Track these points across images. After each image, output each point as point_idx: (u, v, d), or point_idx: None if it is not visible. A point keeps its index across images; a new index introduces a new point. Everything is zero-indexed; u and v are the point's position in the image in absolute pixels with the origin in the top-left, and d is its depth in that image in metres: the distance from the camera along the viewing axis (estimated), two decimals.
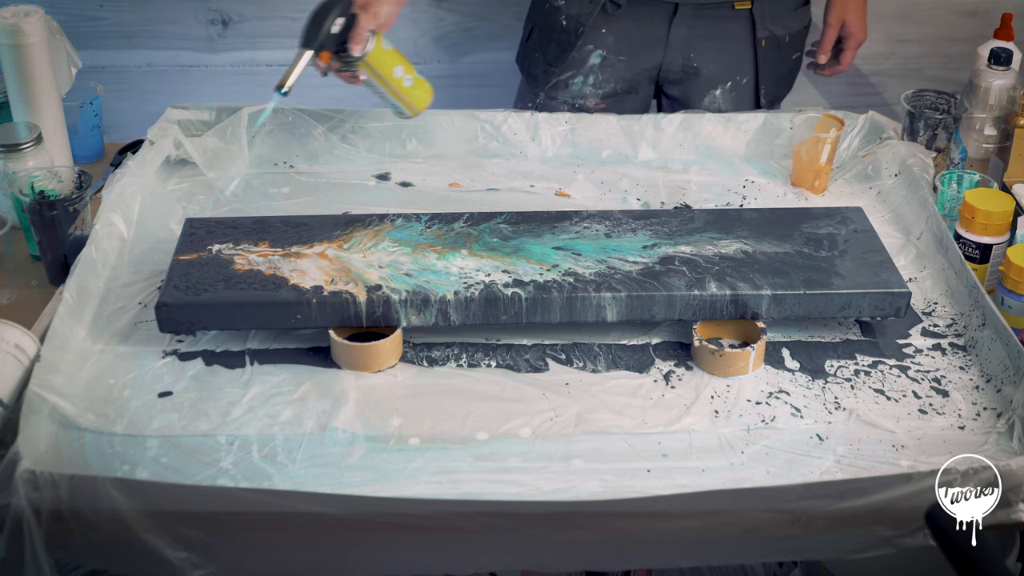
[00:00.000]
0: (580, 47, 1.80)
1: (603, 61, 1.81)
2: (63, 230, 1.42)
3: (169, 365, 1.31)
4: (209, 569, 1.14)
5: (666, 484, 1.16)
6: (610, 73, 1.82)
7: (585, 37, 1.79)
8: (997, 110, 1.60)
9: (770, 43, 1.83)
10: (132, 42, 2.34)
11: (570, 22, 1.79)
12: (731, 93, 1.84)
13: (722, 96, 1.84)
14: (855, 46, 1.88)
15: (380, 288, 1.32)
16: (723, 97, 1.84)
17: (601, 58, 1.80)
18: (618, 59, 1.81)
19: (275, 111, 1.70)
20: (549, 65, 1.83)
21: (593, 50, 1.80)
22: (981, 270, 1.44)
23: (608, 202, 1.62)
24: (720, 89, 1.83)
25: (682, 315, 1.34)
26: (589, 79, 1.81)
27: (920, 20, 2.39)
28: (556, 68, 1.83)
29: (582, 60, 1.81)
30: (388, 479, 1.16)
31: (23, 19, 1.54)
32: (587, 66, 1.81)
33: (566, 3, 1.80)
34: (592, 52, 1.80)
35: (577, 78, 1.82)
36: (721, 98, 1.84)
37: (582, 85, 1.82)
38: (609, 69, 1.82)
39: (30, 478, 1.09)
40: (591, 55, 1.80)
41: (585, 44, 1.80)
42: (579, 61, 1.82)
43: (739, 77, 1.84)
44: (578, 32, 1.79)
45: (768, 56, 1.83)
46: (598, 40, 1.80)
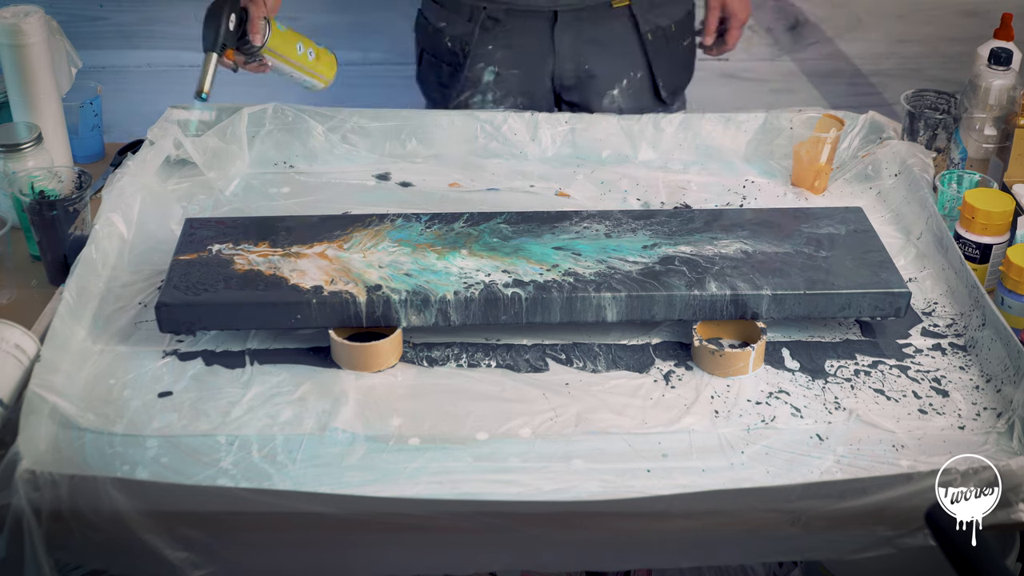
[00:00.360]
0: (470, 66, 1.80)
1: (496, 77, 1.80)
2: (63, 230, 1.42)
3: (169, 365, 1.31)
4: (209, 569, 1.14)
5: (666, 484, 1.16)
6: (507, 88, 1.82)
7: (473, 56, 1.79)
8: (997, 110, 1.60)
9: (656, 35, 1.83)
10: (132, 42, 2.34)
11: (455, 43, 1.79)
12: (628, 90, 1.84)
13: (620, 95, 1.84)
14: (738, 25, 1.89)
15: (380, 288, 1.32)
16: (621, 96, 1.84)
17: (494, 74, 1.80)
18: (511, 73, 1.81)
19: (275, 111, 1.70)
20: (444, 87, 1.83)
21: (484, 67, 1.80)
22: (981, 270, 1.44)
23: (608, 202, 1.62)
24: (617, 88, 1.83)
25: (682, 315, 1.34)
26: (488, 96, 1.81)
27: (920, 20, 2.39)
28: (452, 89, 1.83)
29: (476, 79, 1.81)
30: (388, 479, 1.16)
31: (23, 19, 1.54)
32: (482, 84, 1.81)
33: (448, 24, 1.80)
34: (484, 69, 1.80)
35: (476, 97, 1.82)
36: (620, 97, 1.84)
37: (482, 103, 1.82)
38: (504, 84, 1.82)
39: (30, 478, 1.09)
40: (484, 72, 1.80)
41: (475, 63, 1.80)
42: (473, 81, 1.82)
43: (633, 73, 1.84)
44: (464, 52, 1.79)
45: (658, 48, 1.83)
46: (487, 57, 1.80)
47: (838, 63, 2.45)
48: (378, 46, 2.36)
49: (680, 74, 1.91)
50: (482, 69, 1.80)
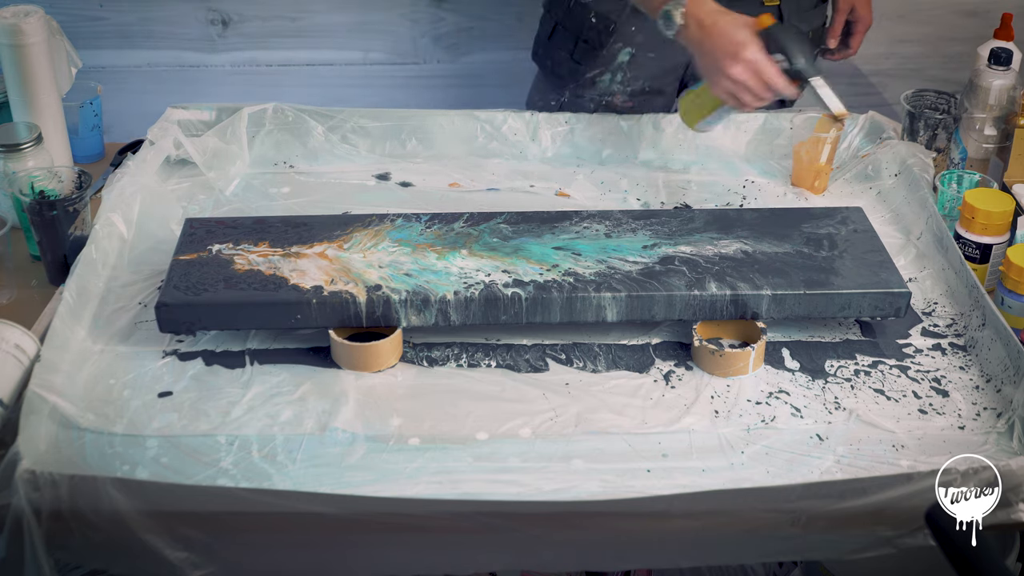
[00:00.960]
0: (610, 45, 1.79)
1: (632, 59, 1.79)
2: (63, 230, 1.42)
3: (169, 365, 1.31)
4: (209, 569, 1.14)
5: (666, 484, 1.16)
6: (638, 71, 1.81)
7: (615, 35, 1.78)
8: (997, 110, 1.60)
9: None
10: (132, 42, 2.34)
11: (600, 20, 1.77)
12: None
13: None
14: (863, 30, 1.89)
15: (380, 288, 1.32)
16: None
17: (630, 56, 1.79)
18: (647, 56, 1.80)
19: (275, 111, 1.70)
20: (576, 63, 1.81)
21: (622, 48, 1.79)
22: (981, 270, 1.44)
23: (608, 202, 1.62)
24: None
25: (682, 315, 1.34)
26: (617, 76, 1.80)
27: (920, 20, 2.39)
28: (584, 66, 1.81)
29: (611, 57, 1.80)
30: (388, 479, 1.16)
31: (23, 19, 1.54)
32: (615, 63, 1.79)
33: (596, 1, 1.79)
34: (621, 50, 1.79)
35: (605, 75, 1.80)
36: None
37: (610, 83, 1.80)
38: (637, 67, 1.80)
39: (30, 478, 1.09)
40: (620, 52, 1.79)
41: (615, 42, 1.79)
42: (607, 59, 1.80)
43: None
44: (608, 29, 1.77)
45: None
46: (628, 38, 1.78)
47: (838, 63, 2.44)
48: (378, 46, 2.36)
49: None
50: (619, 49, 1.78)
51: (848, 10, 1.86)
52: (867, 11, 1.88)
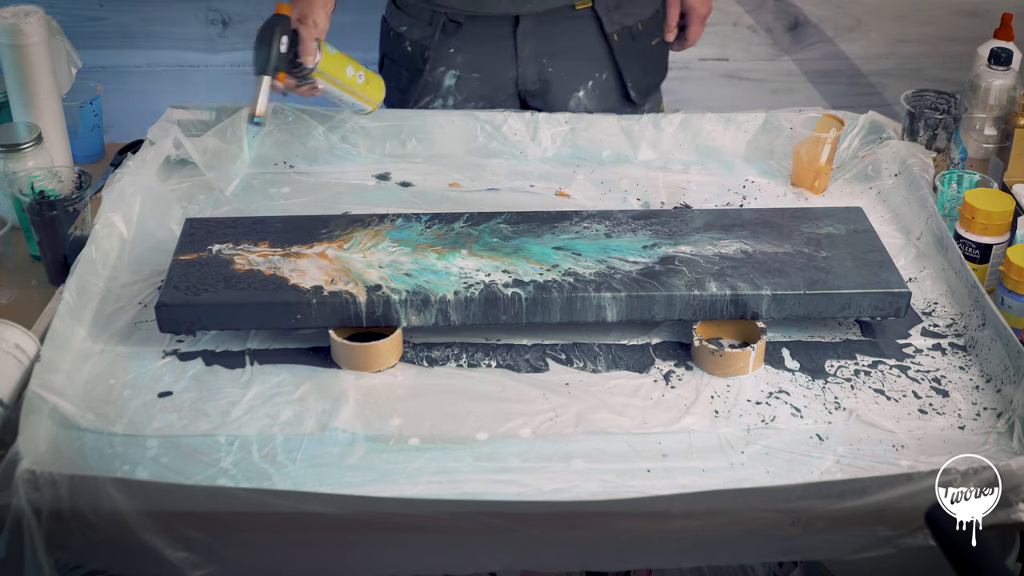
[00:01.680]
0: (431, 71, 1.78)
1: (458, 81, 1.78)
2: (63, 230, 1.42)
3: (169, 365, 1.31)
4: (209, 569, 1.14)
5: (666, 484, 1.16)
6: (468, 92, 1.80)
7: (433, 60, 1.77)
8: (997, 110, 1.60)
9: (623, 35, 1.81)
10: (132, 42, 2.34)
11: (415, 47, 1.77)
12: (594, 92, 1.82)
13: (586, 96, 1.81)
14: (699, 20, 1.87)
15: (380, 288, 1.32)
16: (587, 97, 1.82)
17: (455, 78, 1.78)
18: (472, 77, 1.79)
19: (275, 111, 1.70)
20: (403, 92, 1.81)
21: (445, 71, 1.78)
22: (981, 270, 1.44)
23: (608, 202, 1.62)
24: (582, 90, 1.81)
25: (682, 315, 1.34)
26: (449, 100, 1.79)
27: (920, 20, 2.39)
28: (410, 94, 1.81)
29: (436, 83, 1.79)
30: (388, 479, 1.16)
31: (23, 19, 1.54)
32: (444, 88, 1.79)
33: (408, 29, 1.78)
34: (445, 73, 1.78)
35: (436, 101, 1.80)
36: (585, 99, 1.82)
37: (443, 107, 1.80)
38: (466, 88, 1.80)
39: (30, 478, 1.09)
40: (444, 76, 1.78)
41: (436, 67, 1.78)
42: (434, 85, 1.79)
43: (598, 74, 1.82)
44: (424, 56, 1.77)
45: (625, 48, 1.81)
46: (447, 61, 1.78)
47: (838, 63, 2.45)
48: (378, 46, 2.36)
49: (651, 74, 1.89)
50: (443, 73, 1.78)
51: (678, 2, 1.84)
52: (701, 1, 1.85)
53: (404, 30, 1.78)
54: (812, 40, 2.42)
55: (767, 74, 2.46)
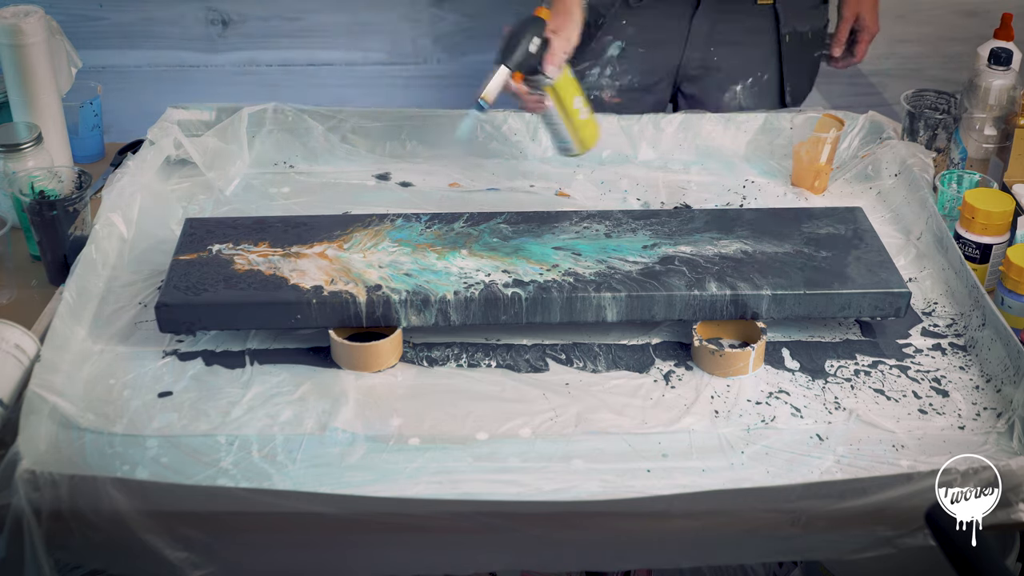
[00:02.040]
0: (599, 38, 1.79)
1: (621, 53, 1.79)
2: (63, 230, 1.42)
3: (169, 365, 1.31)
4: (209, 569, 1.14)
5: (666, 484, 1.16)
6: (628, 65, 1.81)
7: (605, 28, 1.78)
8: (997, 110, 1.60)
9: (794, 39, 1.82)
10: (132, 42, 2.34)
11: (591, 12, 1.77)
12: (753, 89, 1.83)
13: (743, 93, 1.83)
14: (868, 39, 1.88)
15: (380, 288, 1.32)
16: (744, 94, 1.83)
17: (620, 50, 1.78)
18: (637, 51, 1.80)
19: (275, 111, 1.70)
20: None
21: (612, 41, 1.79)
22: (981, 270, 1.44)
23: (608, 202, 1.62)
24: (741, 85, 1.82)
25: (682, 315, 1.34)
26: (606, 71, 1.80)
27: (920, 20, 2.39)
28: (573, 58, 1.81)
29: (600, 51, 1.80)
30: (388, 479, 1.16)
31: (23, 19, 1.54)
32: (605, 57, 1.79)
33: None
34: (611, 43, 1.79)
35: (594, 69, 1.80)
36: (742, 95, 1.83)
37: (599, 76, 1.80)
38: (627, 61, 1.81)
39: (30, 478, 1.09)
40: (610, 46, 1.79)
41: (605, 35, 1.79)
42: (597, 52, 1.80)
43: (760, 73, 1.83)
44: (598, 23, 1.77)
45: (792, 52, 1.83)
46: (618, 31, 1.79)
47: None
48: (378, 46, 2.36)
49: (805, 81, 1.90)
50: (609, 42, 1.79)
51: (853, 18, 1.86)
52: (873, 20, 1.87)
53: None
54: None
55: None
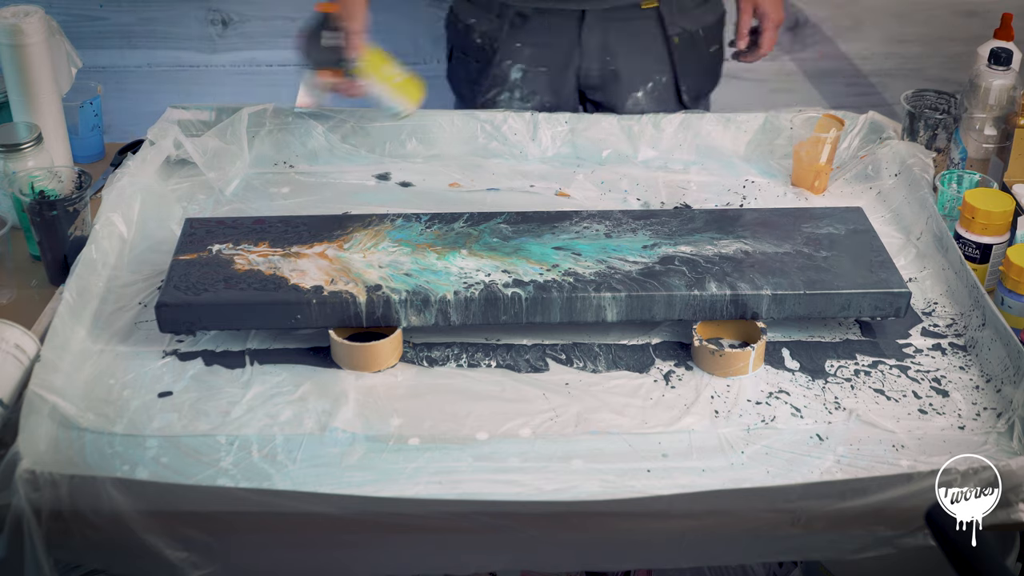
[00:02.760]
0: (498, 63, 1.80)
1: (524, 75, 1.80)
2: (63, 230, 1.42)
3: (169, 365, 1.31)
4: (209, 569, 1.14)
5: (666, 484, 1.16)
6: (534, 85, 1.81)
7: (501, 53, 1.79)
8: (997, 110, 1.60)
9: (683, 39, 1.82)
10: (132, 42, 2.34)
11: (484, 39, 1.79)
12: (652, 93, 1.83)
13: (644, 97, 1.83)
14: (773, 27, 1.84)
15: (380, 288, 1.32)
16: (645, 98, 1.83)
17: (522, 72, 1.79)
18: (538, 71, 1.80)
19: (275, 111, 1.70)
20: (472, 84, 1.83)
21: (512, 65, 1.80)
22: (981, 270, 1.44)
23: (608, 202, 1.62)
24: (642, 91, 1.82)
25: (682, 315, 1.34)
26: (515, 94, 1.81)
27: (920, 20, 2.39)
28: (480, 86, 1.83)
29: (503, 76, 1.81)
30: (388, 479, 1.16)
31: (23, 19, 1.54)
32: (510, 81, 1.81)
33: (477, 21, 1.80)
34: (511, 67, 1.80)
35: (503, 94, 1.81)
36: (644, 99, 1.83)
37: (509, 100, 1.82)
38: (532, 82, 1.81)
39: (30, 478, 1.09)
40: (511, 70, 1.80)
41: (503, 60, 1.80)
42: (501, 78, 1.81)
43: (658, 76, 1.83)
44: (493, 48, 1.79)
45: (684, 53, 1.82)
46: (514, 55, 1.80)
47: (838, 63, 2.44)
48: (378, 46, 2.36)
49: (704, 80, 1.90)
50: (509, 66, 1.80)
51: (751, 9, 1.82)
52: (774, 7, 1.82)
53: (472, 22, 1.80)
54: (812, 40, 2.42)
55: (767, 74, 2.46)
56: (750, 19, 1.84)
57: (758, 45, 1.86)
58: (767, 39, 1.85)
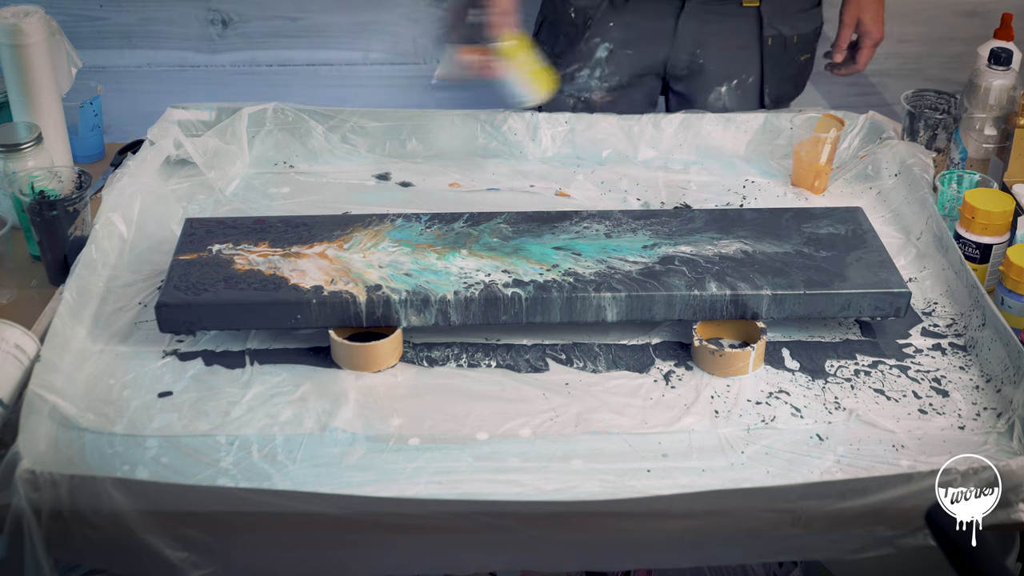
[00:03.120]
0: (587, 39, 1.81)
1: (610, 55, 1.81)
2: (63, 230, 1.42)
3: (169, 365, 1.31)
4: (209, 569, 1.14)
5: (666, 484, 1.16)
6: (616, 67, 1.83)
7: (592, 30, 1.80)
8: (997, 110, 1.60)
9: (776, 42, 1.83)
10: (132, 42, 2.34)
11: (578, 14, 1.80)
12: (736, 91, 1.84)
13: (727, 94, 1.84)
14: (871, 45, 1.86)
15: (380, 288, 1.32)
16: (728, 95, 1.84)
17: (608, 51, 1.80)
18: (624, 53, 1.82)
19: (275, 111, 1.70)
20: (556, 57, 1.83)
21: (600, 43, 1.81)
22: (981, 270, 1.44)
23: (608, 202, 1.62)
24: (726, 86, 1.84)
25: (682, 315, 1.34)
26: (595, 72, 1.81)
27: (920, 20, 2.39)
28: (563, 60, 1.83)
29: (589, 53, 1.82)
30: (388, 479, 1.16)
31: (23, 19, 1.54)
32: (594, 59, 1.81)
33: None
34: (599, 45, 1.81)
35: (583, 71, 1.82)
36: (727, 95, 1.84)
37: (588, 78, 1.82)
38: (615, 63, 1.82)
39: (30, 478, 1.09)
40: (598, 48, 1.81)
41: (592, 37, 1.81)
42: (586, 54, 1.82)
43: (745, 75, 1.84)
44: (586, 24, 1.79)
45: (774, 55, 1.83)
46: (605, 33, 1.81)
47: None
48: (378, 46, 2.36)
49: (787, 86, 1.90)
50: (597, 44, 1.81)
51: (854, 23, 1.84)
52: (876, 26, 1.84)
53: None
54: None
55: None
56: (851, 33, 1.85)
57: (855, 61, 1.87)
58: (864, 56, 1.86)
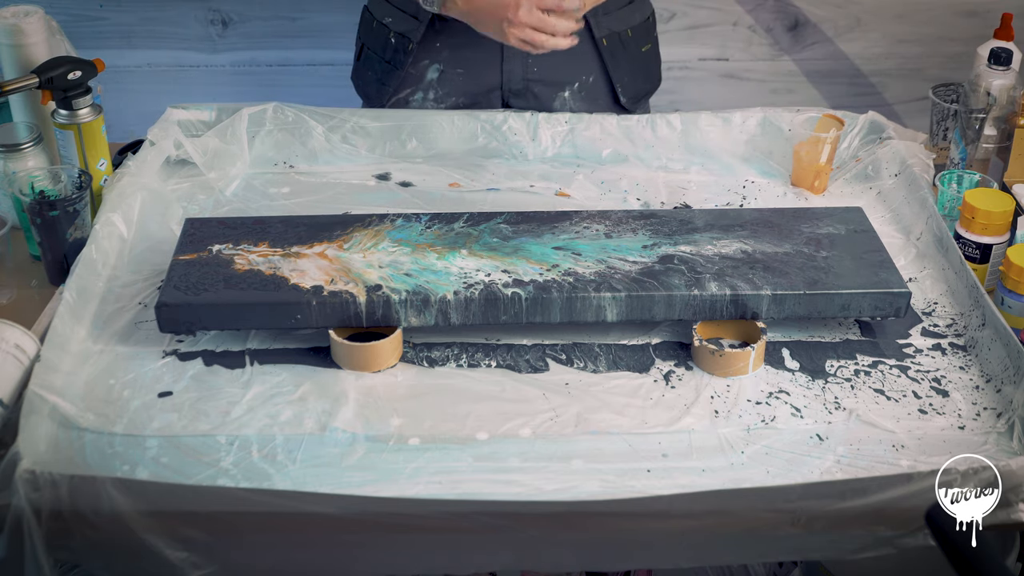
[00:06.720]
0: (414, 63, 1.77)
1: (441, 75, 1.77)
2: (63, 230, 1.42)
3: (169, 365, 1.31)
4: (209, 569, 1.14)
5: (666, 484, 1.16)
6: (450, 87, 1.78)
7: (416, 53, 1.76)
8: (997, 110, 1.60)
9: (612, 40, 1.79)
10: (132, 42, 2.34)
11: (399, 39, 1.76)
12: (580, 93, 1.80)
13: (571, 97, 1.80)
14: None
15: (380, 288, 1.32)
16: (573, 98, 1.80)
17: (439, 72, 1.76)
18: (455, 72, 1.77)
19: (275, 111, 1.70)
20: (381, 84, 1.79)
21: (429, 64, 1.77)
22: (981, 270, 1.44)
23: (608, 202, 1.62)
24: (568, 91, 1.79)
25: (682, 315, 1.34)
26: (429, 94, 1.78)
27: (920, 20, 2.39)
28: (388, 86, 1.79)
29: (419, 76, 1.77)
30: (388, 479, 1.16)
31: (23, 19, 1.54)
32: (425, 81, 1.77)
33: (393, 20, 1.77)
34: (428, 67, 1.77)
35: (416, 94, 1.78)
36: (571, 99, 1.80)
37: (423, 101, 1.78)
38: (448, 83, 1.78)
39: (30, 478, 1.09)
40: (428, 70, 1.77)
41: (419, 59, 1.76)
42: (416, 77, 1.78)
43: (585, 76, 1.79)
44: (407, 49, 1.75)
45: (614, 54, 1.79)
46: (432, 54, 1.76)
47: (838, 63, 2.45)
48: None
49: (641, 81, 1.87)
50: (426, 66, 1.77)
51: None
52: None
53: (389, 21, 1.77)
54: (812, 40, 2.42)
55: (767, 74, 2.46)
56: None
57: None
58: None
